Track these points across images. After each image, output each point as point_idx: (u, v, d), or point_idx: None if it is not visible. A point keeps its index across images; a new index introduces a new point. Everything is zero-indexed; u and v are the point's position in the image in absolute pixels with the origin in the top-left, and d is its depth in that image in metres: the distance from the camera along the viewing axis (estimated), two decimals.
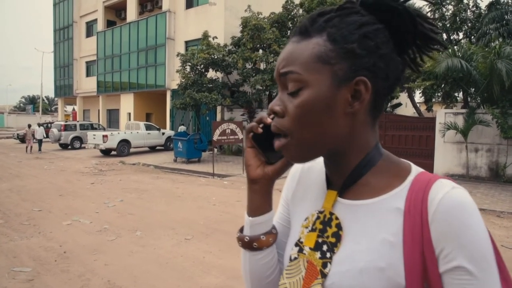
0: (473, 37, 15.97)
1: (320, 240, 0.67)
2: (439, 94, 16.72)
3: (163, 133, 18.57)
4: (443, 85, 13.68)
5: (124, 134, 17.00)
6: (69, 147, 20.19)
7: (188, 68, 15.70)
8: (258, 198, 0.74)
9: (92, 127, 21.49)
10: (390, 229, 0.60)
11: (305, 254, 0.68)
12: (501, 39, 12.36)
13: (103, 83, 25.98)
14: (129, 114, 23.41)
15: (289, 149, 0.64)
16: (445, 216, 0.56)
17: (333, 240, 0.65)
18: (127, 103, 23.71)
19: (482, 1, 17.43)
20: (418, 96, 20.16)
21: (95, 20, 27.50)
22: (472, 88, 12.33)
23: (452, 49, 11.30)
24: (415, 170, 0.66)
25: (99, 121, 26.24)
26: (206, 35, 15.95)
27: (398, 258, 0.59)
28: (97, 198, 8.00)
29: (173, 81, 19.67)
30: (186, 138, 13.77)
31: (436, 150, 11.13)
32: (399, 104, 24.93)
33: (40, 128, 19.09)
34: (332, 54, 0.60)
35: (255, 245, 0.74)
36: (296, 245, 0.71)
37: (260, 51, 15.56)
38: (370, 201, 0.64)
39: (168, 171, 12.58)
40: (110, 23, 26.83)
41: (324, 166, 0.72)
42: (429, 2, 13.84)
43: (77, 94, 29.94)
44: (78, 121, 22.38)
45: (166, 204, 7.54)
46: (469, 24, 16.33)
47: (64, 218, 6.40)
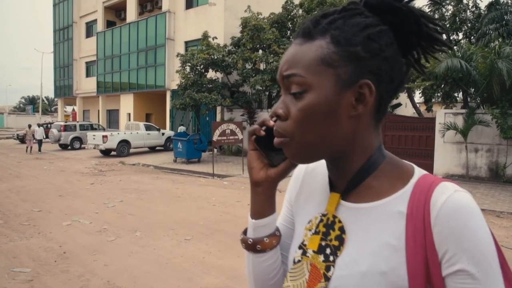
0: (473, 38, 15.98)
1: (324, 243, 0.67)
2: (439, 94, 16.71)
3: (163, 134, 18.57)
4: (443, 85, 13.68)
5: (124, 135, 17.00)
6: (69, 148, 20.18)
7: (188, 69, 15.70)
8: (262, 201, 0.74)
9: (92, 128, 21.48)
10: (393, 233, 0.60)
11: (309, 257, 0.68)
12: (501, 39, 12.38)
13: (103, 84, 25.98)
14: (129, 115, 23.42)
15: (290, 148, 0.64)
16: (448, 220, 0.56)
17: (336, 244, 0.65)
18: (127, 104, 23.71)
19: (482, 1, 17.48)
20: (418, 96, 20.16)
21: (95, 21, 27.50)
22: (472, 88, 12.35)
23: (452, 50, 11.30)
24: (418, 173, 0.65)
25: (99, 122, 26.24)
26: (206, 36, 15.95)
27: (401, 262, 0.58)
28: (97, 199, 8.00)
29: (173, 82, 19.68)
30: (186, 139, 13.76)
31: (436, 151, 11.13)
32: (399, 104, 24.93)
33: (40, 129, 19.09)
34: (336, 57, 0.59)
35: (259, 247, 0.74)
36: (300, 248, 0.70)
37: (260, 52, 15.57)
38: (373, 204, 0.64)
39: (168, 172, 12.57)
40: (110, 24, 26.83)
41: (327, 169, 0.72)
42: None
43: (77, 95, 29.94)
44: (78, 122, 22.37)
45: (166, 205, 7.54)
46: (469, 25, 16.34)
47: (64, 219, 6.40)
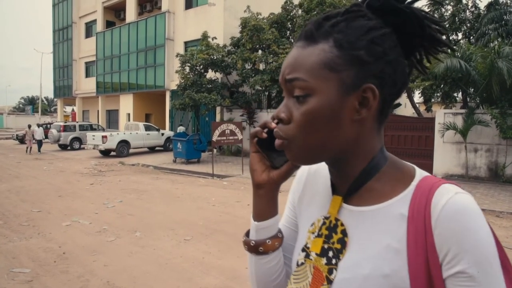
0: (472, 38, 16.00)
1: (326, 246, 0.67)
2: (438, 94, 16.75)
3: (163, 134, 18.56)
4: (442, 85, 13.71)
5: (124, 135, 16.99)
6: (69, 148, 20.16)
7: (188, 69, 15.69)
8: (264, 203, 0.74)
9: (92, 128, 21.47)
10: (395, 236, 0.60)
11: (312, 260, 0.68)
12: (500, 39, 12.39)
13: (103, 84, 25.98)
14: (129, 115, 23.41)
15: (292, 150, 0.64)
16: (448, 222, 0.56)
17: (339, 247, 0.65)
18: (127, 104, 23.71)
19: (481, 2, 17.51)
20: (418, 96, 20.21)
21: (95, 21, 27.49)
22: (471, 88, 12.37)
23: (455, 51, 11.32)
24: (419, 175, 0.65)
25: (99, 122, 26.22)
26: (206, 36, 15.95)
27: (403, 265, 0.58)
28: (97, 199, 7.99)
29: (173, 82, 19.67)
30: (186, 139, 13.76)
31: (435, 151, 11.13)
32: (399, 105, 24.90)
33: (40, 129, 19.06)
34: (339, 61, 0.59)
35: (261, 249, 0.74)
36: (303, 251, 0.71)
37: (260, 52, 15.57)
38: (375, 207, 0.64)
39: (168, 172, 12.57)
40: (110, 24, 26.83)
41: (329, 172, 0.71)
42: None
43: (77, 95, 29.94)
44: (78, 122, 22.35)
45: (166, 205, 7.54)
46: (468, 25, 16.37)
47: (64, 219, 6.40)
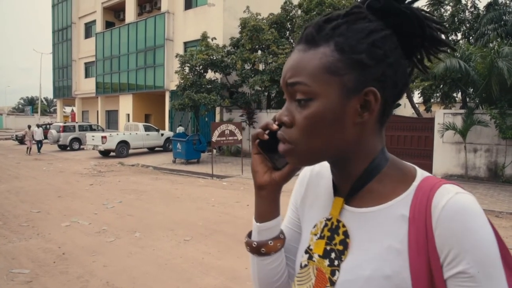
0: (472, 38, 16.01)
1: (328, 248, 0.67)
2: (438, 95, 16.76)
3: (162, 134, 18.56)
4: (442, 86, 13.72)
5: (123, 135, 16.98)
6: (68, 148, 20.14)
7: (187, 69, 15.70)
8: (266, 204, 0.74)
9: (91, 128, 21.46)
10: (396, 237, 0.60)
11: (315, 262, 0.68)
12: (499, 40, 12.40)
13: (102, 84, 25.97)
14: (128, 115, 23.40)
15: (294, 155, 0.64)
16: (448, 222, 0.56)
17: (341, 248, 0.65)
18: (126, 104, 23.70)
19: (480, 2, 17.50)
20: (417, 97, 20.19)
21: (94, 21, 27.48)
22: (471, 89, 12.37)
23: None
24: (420, 175, 0.65)
25: (98, 122, 26.22)
26: (205, 36, 15.95)
27: (404, 266, 0.58)
28: (96, 199, 7.99)
29: (172, 82, 19.67)
30: (185, 139, 13.76)
31: (435, 151, 11.14)
32: (398, 105, 24.90)
33: (39, 129, 19.04)
34: (340, 65, 0.59)
35: (263, 251, 0.74)
36: (306, 252, 0.71)
37: (259, 52, 15.57)
38: (376, 209, 0.64)
39: (167, 172, 12.57)
40: (109, 24, 26.82)
41: (331, 173, 0.72)
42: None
43: (76, 95, 29.93)
44: (77, 122, 22.34)
45: (165, 205, 7.53)
46: (468, 25, 16.37)
47: (63, 220, 6.39)
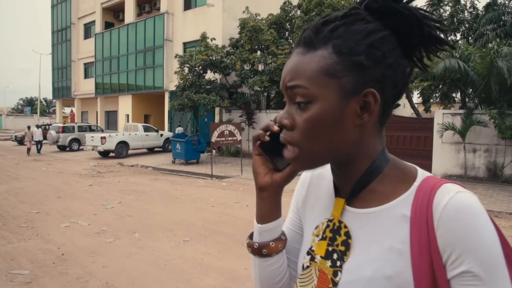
0: (471, 38, 16.02)
1: (330, 249, 0.67)
2: (437, 95, 16.78)
3: (162, 135, 18.55)
4: (441, 86, 13.74)
5: (123, 136, 16.97)
6: (67, 149, 20.13)
7: (186, 70, 15.69)
8: (267, 205, 0.74)
9: (90, 129, 21.44)
10: (398, 237, 0.60)
11: (317, 263, 0.69)
12: (498, 40, 12.41)
13: (101, 85, 25.96)
14: (128, 116, 23.39)
15: (299, 160, 0.65)
16: (450, 221, 0.56)
17: (343, 249, 0.65)
18: (126, 105, 23.69)
19: (479, 2, 17.49)
20: (416, 97, 20.20)
21: (93, 22, 27.47)
22: (470, 89, 12.38)
23: (450, 51, 11.34)
24: (421, 175, 0.65)
25: (97, 123, 26.21)
26: (204, 37, 15.95)
27: (406, 266, 0.58)
28: (95, 200, 7.98)
29: (171, 83, 19.67)
30: (185, 140, 13.75)
31: (434, 151, 11.15)
32: (397, 105, 24.87)
33: (38, 130, 19.01)
34: (339, 67, 0.59)
35: (265, 252, 0.74)
36: (308, 254, 0.71)
37: (258, 53, 15.58)
38: (377, 209, 0.64)
39: (167, 173, 12.56)
40: (108, 25, 26.80)
41: (332, 174, 0.72)
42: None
43: (75, 96, 29.92)
44: (76, 123, 22.32)
45: (165, 206, 7.53)
46: (467, 25, 16.38)
47: (62, 220, 6.39)
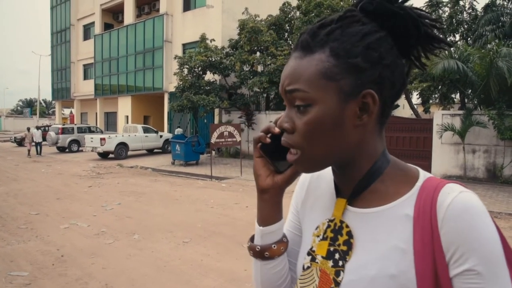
0: (470, 39, 16.04)
1: (332, 249, 0.67)
2: (436, 96, 16.78)
3: (161, 136, 18.54)
4: (440, 87, 13.75)
5: (122, 137, 16.96)
6: (67, 150, 20.12)
7: (186, 71, 15.71)
8: (269, 208, 0.74)
9: (90, 130, 21.42)
10: (401, 236, 0.61)
11: (318, 263, 0.68)
12: (497, 41, 12.43)
13: (101, 86, 25.95)
14: (127, 117, 23.39)
15: (301, 163, 0.65)
16: (454, 221, 0.57)
17: (345, 248, 0.65)
18: (125, 106, 23.68)
19: (478, 3, 17.51)
20: (416, 98, 20.22)
21: (93, 23, 27.47)
22: (469, 90, 12.39)
23: (449, 51, 11.35)
24: (423, 176, 0.66)
25: (97, 124, 26.20)
26: (204, 38, 15.97)
27: (410, 265, 0.59)
28: (95, 201, 7.98)
29: (171, 84, 19.68)
30: (184, 141, 13.75)
31: (434, 152, 11.16)
32: (397, 106, 24.92)
33: (38, 131, 18.98)
34: (337, 70, 0.59)
35: (267, 254, 0.74)
36: (309, 254, 0.71)
37: (258, 54, 15.59)
38: (379, 209, 0.64)
39: (166, 174, 12.55)
40: (108, 26, 26.81)
41: (333, 175, 0.72)
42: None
43: (75, 97, 29.90)
44: (76, 124, 22.32)
45: (164, 207, 7.52)
46: (466, 26, 16.39)
47: (62, 222, 6.38)
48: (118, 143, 16.52)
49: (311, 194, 0.79)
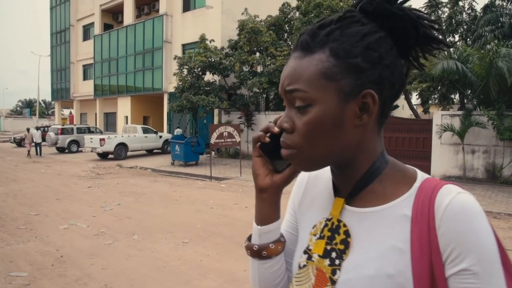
0: (469, 40, 16.06)
1: (329, 247, 0.67)
2: (436, 96, 16.81)
3: (161, 136, 18.54)
4: (440, 87, 13.76)
5: (122, 138, 16.95)
6: (66, 151, 20.12)
7: (185, 71, 15.71)
8: (267, 207, 0.74)
9: (89, 131, 21.42)
10: (398, 236, 0.61)
11: (314, 262, 0.69)
12: (497, 41, 12.44)
13: (100, 87, 25.94)
14: (126, 118, 23.38)
15: (297, 159, 0.65)
16: (452, 222, 0.57)
17: (342, 247, 0.66)
18: (124, 107, 23.68)
19: (478, 4, 17.55)
20: (415, 98, 20.25)
21: (92, 24, 27.47)
22: (468, 90, 12.41)
23: (448, 51, 11.36)
24: (421, 177, 0.66)
25: (96, 125, 26.19)
26: (203, 38, 15.98)
27: (407, 265, 0.59)
28: (94, 202, 7.97)
29: (170, 84, 19.67)
30: (184, 141, 13.76)
31: (433, 152, 11.16)
32: (396, 106, 24.97)
33: (38, 132, 18.97)
34: (337, 70, 0.59)
35: (264, 254, 0.74)
36: (305, 253, 0.71)
37: (257, 54, 15.60)
38: (377, 209, 0.65)
39: (166, 174, 12.55)
40: (107, 27, 26.81)
41: (331, 174, 0.72)
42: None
43: (74, 98, 29.89)
44: (75, 125, 22.32)
45: (164, 208, 7.52)
46: (465, 27, 16.41)
47: (61, 222, 6.38)
48: (118, 144, 16.51)
49: (309, 194, 0.79)
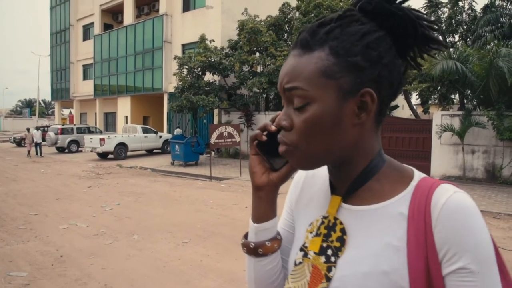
0: (469, 40, 16.07)
1: (325, 245, 0.68)
2: (436, 96, 16.79)
3: (160, 136, 18.54)
4: (439, 87, 13.75)
5: (121, 138, 16.95)
6: (66, 151, 20.12)
7: (185, 71, 15.71)
8: (263, 205, 0.74)
9: (89, 131, 21.42)
10: (395, 234, 0.61)
11: (310, 259, 0.69)
12: (496, 41, 12.45)
13: (100, 87, 25.94)
14: (126, 118, 23.38)
15: (295, 157, 0.65)
16: (448, 221, 0.57)
17: (338, 245, 0.66)
18: (124, 107, 23.68)
19: (478, 4, 17.55)
20: (415, 98, 20.24)
21: (92, 24, 27.47)
22: (468, 90, 12.41)
23: (448, 52, 11.37)
24: (418, 176, 0.66)
25: (96, 125, 26.19)
26: (203, 38, 15.98)
27: (403, 263, 0.59)
28: (94, 202, 7.97)
29: (170, 84, 19.68)
30: (184, 141, 13.76)
31: (433, 152, 11.17)
32: (396, 106, 24.99)
33: (38, 132, 18.97)
34: (336, 68, 0.60)
35: (260, 251, 0.74)
36: (301, 250, 0.71)
37: (257, 54, 15.60)
38: (374, 207, 0.65)
39: (166, 174, 12.55)
40: (107, 27, 26.81)
41: (328, 172, 0.73)
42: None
43: (74, 98, 29.89)
44: (75, 125, 22.31)
45: (163, 208, 7.52)
46: (465, 27, 16.42)
47: (61, 222, 6.38)
48: (118, 144, 16.51)
49: (306, 192, 0.79)
